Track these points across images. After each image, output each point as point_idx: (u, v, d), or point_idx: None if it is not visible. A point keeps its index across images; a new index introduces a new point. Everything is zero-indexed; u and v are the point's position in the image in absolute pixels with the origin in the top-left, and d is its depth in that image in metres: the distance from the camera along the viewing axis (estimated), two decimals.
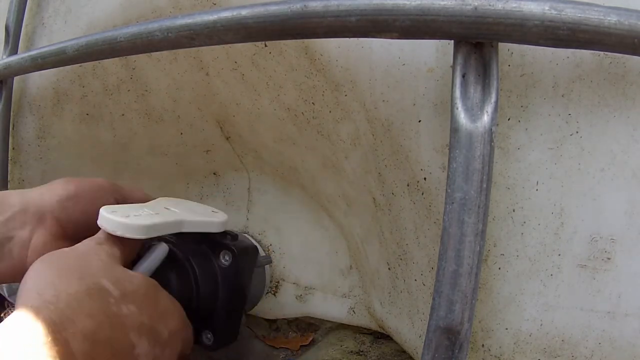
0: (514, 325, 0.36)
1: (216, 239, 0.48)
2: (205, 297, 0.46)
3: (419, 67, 0.37)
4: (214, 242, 0.48)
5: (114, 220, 0.38)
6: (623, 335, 0.34)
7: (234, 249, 0.47)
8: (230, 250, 0.47)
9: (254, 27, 0.34)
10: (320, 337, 0.62)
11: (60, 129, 0.65)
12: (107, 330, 0.32)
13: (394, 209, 0.45)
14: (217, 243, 0.47)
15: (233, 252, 0.47)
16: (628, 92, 0.33)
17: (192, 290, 0.45)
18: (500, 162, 0.35)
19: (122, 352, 0.32)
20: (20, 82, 0.67)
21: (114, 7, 0.55)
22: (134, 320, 0.34)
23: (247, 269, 0.50)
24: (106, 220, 0.39)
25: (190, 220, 0.44)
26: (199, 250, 0.47)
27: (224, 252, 0.47)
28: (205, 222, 0.46)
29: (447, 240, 0.30)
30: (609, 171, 0.33)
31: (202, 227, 0.46)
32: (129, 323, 0.34)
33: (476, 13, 0.28)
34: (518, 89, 0.35)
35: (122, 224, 0.38)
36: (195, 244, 0.47)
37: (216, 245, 0.47)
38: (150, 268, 0.41)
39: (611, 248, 0.34)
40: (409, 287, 0.46)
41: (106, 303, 0.33)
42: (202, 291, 0.46)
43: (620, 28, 0.28)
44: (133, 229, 0.38)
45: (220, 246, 0.47)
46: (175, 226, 0.43)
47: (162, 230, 0.41)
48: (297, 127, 0.52)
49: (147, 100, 0.60)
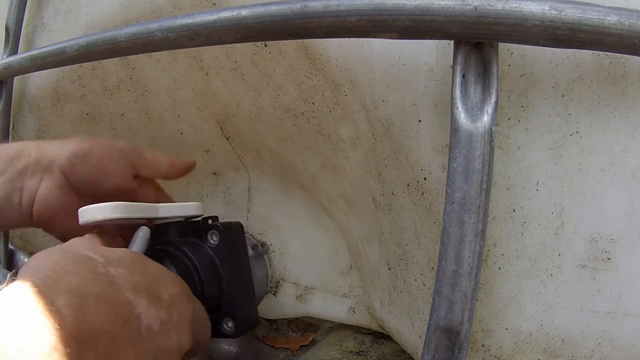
0: (514, 325, 0.36)
1: (199, 226, 0.49)
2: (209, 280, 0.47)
3: (419, 67, 0.37)
4: (198, 229, 0.49)
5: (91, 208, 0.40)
6: (623, 335, 0.34)
7: (218, 226, 0.48)
8: (214, 229, 0.48)
9: (254, 27, 0.34)
10: (320, 337, 0.62)
11: (60, 129, 0.65)
12: (96, 287, 0.31)
13: (394, 209, 0.45)
14: (201, 229, 0.48)
15: (218, 228, 0.48)
16: (628, 92, 0.33)
17: (193, 276, 0.46)
18: (500, 162, 0.35)
19: (120, 309, 0.32)
20: (20, 82, 0.67)
21: (114, 7, 0.55)
22: (125, 279, 0.34)
23: (238, 242, 0.51)
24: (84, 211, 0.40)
25: (165, 205, 0.46)
26: (186, 240, 0.48)
27: (210, 233, 0.48)
28: (180, 206, 0.47)
29: (447, 240, 0.30)
30: (609, 171, 0.33)
31: (179, 211, 0.47)
32: (120, 281, 0.33)
33: (476, 13, 0.28)
34: (518, 89, 0.35)
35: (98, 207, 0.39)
36: (182, 237, 0.48)
37: (201, 231, 0.48)
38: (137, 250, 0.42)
39: (611, 248, 0.34)
40: (409, 287, 0.46)
41: (91, 265, 0.33)
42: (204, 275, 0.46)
43: (620, 28, 0.28)
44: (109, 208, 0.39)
45: (205, 229, 0.48)
46: (152, 210, 0.44)
47: (139, 212, 0.42)
48: (297, 127, 0.52)
49: (147, 100, 0.60)
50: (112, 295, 0.32)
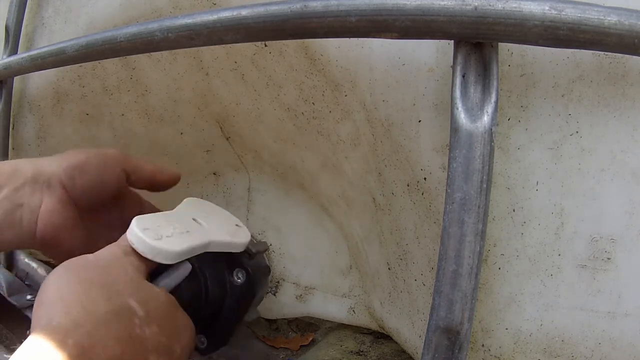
0: (514, 325, 0.36)
1: (233, 255, 0.48)
2: (210, 308, 0.47)
3: (419, 67, 0.37)
4: (232, 258, 0.48)
5: (146, 243, 0.38)
6: (623, 335, 0.34)
7: (248, 270, 0.48)
8: (245, 270, 0.47)
9: (254, 27, 0.34)
10: (320, 337, 0.62)
11: (60, 129, 0.65)
12: (130, 355, 0.32)
13: (394, 209, 0.45)
14: (234, 260, 0.48)
15: (247, 272, 0.47)
16: (628, 92, 0.33)
17: (200, 301, 0.46)
18: (500, 162, 0.35)
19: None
20: (20, 82, 0.67)
21: (114, 7, 0.55)
22: (154, 341, 0.34)
23: (258, 288, 0.50)
24: (137, 239, 0.38)
25: (216, 242, 0.45)
26: (215, 264, 0.47)
27: (237, 270, 0.48)
28: (229, 244, 0.46)
29: (447, 240, 0.30)
30: (609, 171, 0.33)
31: (226, 248, 0.46)
32: (150, 346, 0.34)
33: (476, 13, 0.28)
34: (518, 89, 0.35)
35: (153, 248, 0.38)
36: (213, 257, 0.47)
37: (233, 261, 0.48)
38: (171, 285, 0.41)
39: (611, 248, 0.34)
40: (409, 287, 0.46)
41: (132, 325, 0.33)
42: (209, 303, 0.46)
43: (620, 28, 0.28)
44: (163, 255, 0.38)
45: (236, 263, 0.48)
46: (202, 248, 0.43)
47: (190, 254, 0.41)
48: (297, 127, 0.52)
49: (147, 100, 0.60)
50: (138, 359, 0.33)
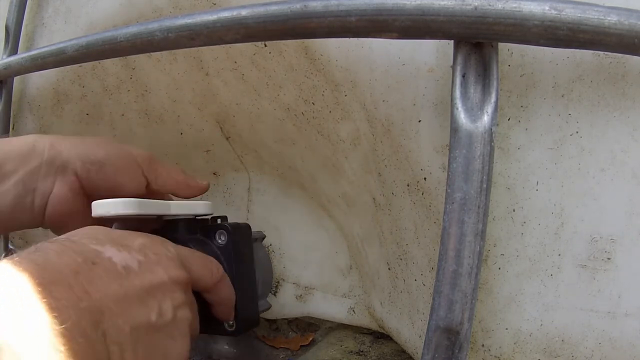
0: (514, 325, 0.36)
1: (207, 225, 0.50)
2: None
3: (419, 67, 0.37)
4: (207, 228, 0.49)
5: (104, 202, 0.41)
6: (623, 335, 0.34)
7: (227, 227, 0.48)
8: (223, 229, 0.48)
9: (254, 27, 0.34)
10: (320, 337, 0.62)
11: (60, 129, 0.65)
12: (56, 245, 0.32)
13: (394, 209, 0.45)
14: (209, 228, 0.49)
15: (227, 229, 0.48)
16: (628, 92, 0.33)
17: None
18: (500, 162, 0.35)
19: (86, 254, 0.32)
20: (20, 82, 0.67)
21: (114, 7, 0.54)
22: (87, 239, 0.34)
23: (245, 243, 0.51)
24: (97, 204, 0.41)
25: (176, 203, 0.46)
26: (194, 239, 0.48)
27: (218, 233, 0.48)
28: (192, 205, 0.48)
29: (447, 240, 0.30)
30: (609, 171, 0.33)
31: (190, 209, 0.48)
32: (83, 240, 0.34)
33: (476, 13, 0.28)
34: (518, 89, 0.35)
35: (112, 202, 0.40)
36: (190, 235, 0.49)
37: (209, 229, 0.49)
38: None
39: (611, 248, 0.34)
40: (409, 287, 0.46)
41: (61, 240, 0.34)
42: None
43: (620, 28, 0.28)
44: (123, 203, 0.40)
45: (214, 229, 0.48)
46: (163, 207, 0.45)
47: (151, 209, 0.43)
48: (297, 127, 0.52)
49: (147, 100, 0.60)
50: (75, 247, 0.33)
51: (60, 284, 0.29)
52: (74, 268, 0.30)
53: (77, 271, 0.30)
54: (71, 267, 0.30)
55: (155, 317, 0.34)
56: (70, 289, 0.29)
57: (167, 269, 0.37)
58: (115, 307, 0.31)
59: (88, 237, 0.35)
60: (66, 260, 0.30)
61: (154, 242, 0.38)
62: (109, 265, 0.33)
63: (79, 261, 0.31)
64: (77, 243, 0.33)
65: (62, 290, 0.28)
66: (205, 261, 0.43)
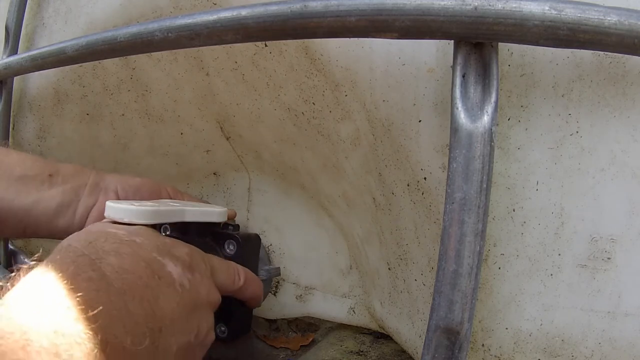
0: (514, 325, 0.36)
1: (218, 231, 0.50)
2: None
3: (419, 67, 0.37)
4: (217, 234, 0.49)
5: (119, 208, 0.40)
6: (623, 335, 0.34)
7: (237, 238, 0.48)
8: (234, 239, 0.48)
9: (254, 27, 0.34)
10: (320, 337, 0.62)
11: (60, 129, 0.65)
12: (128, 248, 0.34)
13: (394, 209, 0.45)
14: (220, 234, 0.49)
15: (237, 240, 0.48)
16: (628, 92, 0.33)
17: None
18: (500, 162, 0.35)
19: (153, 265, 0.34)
20: (20, 82, 0.67)
21: (114, 7, 0.54)
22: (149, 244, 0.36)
23: (252, 255, 0.51)
24: (111, 208, 0.40)
25: (191, 209, 0.46)
26: (204, 242, 0.48)
27: (228, 242, 0.48)
28: (206, 211, 0.48)
29: (447, 240, 0.30)
30: (609, 171, 0.33)
31: (204, 216, 0.48)
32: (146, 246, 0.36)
33: (476, 13, 0.28)
34: (518, 89, 0.35)
35: (127, 210, 0.40)
36: (200, 238, 0.48)
37: (220, 236, 0.49)
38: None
39: (611, 248, 0.34)
40: (409, 287, 0.46)
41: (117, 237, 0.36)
42: None
43: (620, 28, 0.28)
44: (138, 213, 0.40)
45: (224, 237, 0.48)
46: (178, 214, 0.45)
47: (166, 217, 0.43)
48: (297, 127, 0.52)
49: (147, 100, 0.60)
50: (143, 254, 0.35)
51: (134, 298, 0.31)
52: (145, 281, 0.33)
53: (147, 284, 0.33)
54: (143, 280, 0.32)
55: (194, 338, 0.37)
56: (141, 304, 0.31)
57: (208, 290, 0.40)
58: (171, 326, 0.33)
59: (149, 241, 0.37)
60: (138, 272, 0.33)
61: (194, 255, 0.41)
62: (170, 280, 0.35)
63: (148, 273, 0.33)
64: (143, 249, 0.35)
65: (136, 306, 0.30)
66: (230, 270, 0.46)
